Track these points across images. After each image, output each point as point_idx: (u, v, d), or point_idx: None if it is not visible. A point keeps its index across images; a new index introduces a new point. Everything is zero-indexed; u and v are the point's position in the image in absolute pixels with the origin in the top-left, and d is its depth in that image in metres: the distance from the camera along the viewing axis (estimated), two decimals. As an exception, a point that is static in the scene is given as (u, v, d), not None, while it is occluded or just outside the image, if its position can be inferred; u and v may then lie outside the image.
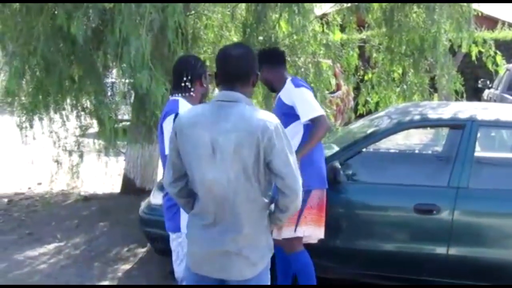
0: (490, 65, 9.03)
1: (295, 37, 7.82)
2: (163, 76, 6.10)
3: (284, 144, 3.15)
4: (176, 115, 3.92)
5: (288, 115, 4.76)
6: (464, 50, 8.94)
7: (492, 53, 8.87)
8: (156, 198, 5.78)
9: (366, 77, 9.39)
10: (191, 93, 4.23)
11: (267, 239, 3.35)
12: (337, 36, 8.82)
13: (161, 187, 5.90)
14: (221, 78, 3.29)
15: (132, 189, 8.75)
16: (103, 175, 9.22)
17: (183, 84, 4.25)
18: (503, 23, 21.75)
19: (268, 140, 3.09)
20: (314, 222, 4.80)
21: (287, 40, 7.84)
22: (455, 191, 5.08)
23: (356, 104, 10.24)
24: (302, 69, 7.70)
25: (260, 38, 7.46)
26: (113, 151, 8.39)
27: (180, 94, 4.24)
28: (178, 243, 4.18)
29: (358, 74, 9.39)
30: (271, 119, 3.16)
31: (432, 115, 5.79)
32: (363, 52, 9.35)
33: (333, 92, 11.33)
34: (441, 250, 5.12)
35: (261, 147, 3.09)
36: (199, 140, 3.17)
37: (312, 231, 4.82)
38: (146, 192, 7.81)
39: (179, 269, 4.18)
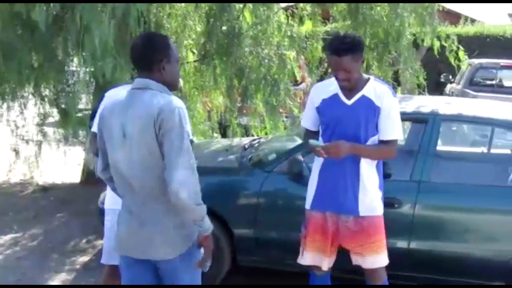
0: (452, 60, 9.08)
1: (259, 28, 7.75)
2: (127, 64, 5.99)
3: (172, 128, 3.15)
4: (102, 96, 4.33)
5: (375, 116, 4.20)
6: (426, 44, 8.98)
7: (454, 47, 8.92)
8: (115, 189, 5.71)
9: (330, 70, 9.36)
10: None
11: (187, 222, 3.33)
12: (307, 26, 8.77)
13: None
14: (134, 66, 3.47)
15: (92, 179, 8.58)
16: (63, 165, 9.08)
17: None
18: (466, 18, 21.99)
19: (160, 123, 3.15)
20: None
21: (251, 31, 7.76)
22: (417, 185, 5.10)
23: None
24: (266, 61, 7.64)
25: (224, 28, 7.39)
26: (73, 140, 8.25)
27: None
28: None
29: (322, 66, 9.36)
30: (170, 104, 3.20)
31: (395, 108, 5.77)
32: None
33: (297, 84, 11.32)
34: (402, 244, 5.13)
35: (158, 131, 3.16)
36: (113, 127, 3.31)
37: None
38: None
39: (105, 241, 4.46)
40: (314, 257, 4.40)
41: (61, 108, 7.58)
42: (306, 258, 4.44)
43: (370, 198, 4.28)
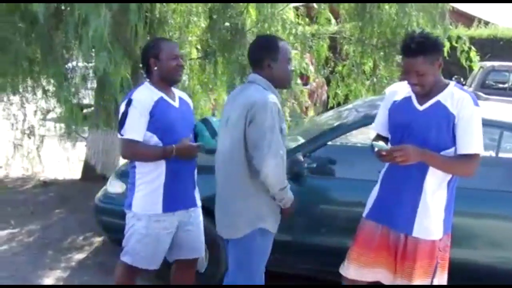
0: (464, 61, 8.89)
1: (264, 25, 7.60)
2: (123, 59, 5.87)
3: (264, 121, 3.59)
4: (129, 101, 3.97)
5: (449, 125, 3.73)
6: (439, 45, 8.80)
7: (466, 48, 8.73)
8: (113, 187, 5.69)
9: (336, 69, 9.25)
10: (147, 77, 4.19)
11: (256, 209, 3.81)
12: (323, 22, 8.65)
13: (118, 175, 5.72)
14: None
15: (93, 175, 8.52)
16: (65, 160, 9.00)
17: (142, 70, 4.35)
18: (479, 21, 21.80)
19: (252, 115, 3.60)
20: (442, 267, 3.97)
21: (255, 28, 7.63)
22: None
23: (327, 97, 10.13)
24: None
25: (227, 24, 7.26)
26: (75, 136, 8.16)
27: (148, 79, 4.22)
28: (129, 221, 4.19)
29: (329, 66, 9.25)
30: (264, 98, 3.64)
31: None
32: (334, 43, 9.20)
33: (307, 84, 11.21)
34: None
35: (248, 123, 3.63)
36: (223, 114, 3.92)
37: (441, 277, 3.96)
38: (106, 179, 7.56)
39: (125, 245, 4.21)
40: (356, 271, 4.01)
41: (61, 102, 7.46)
42: (348, 270, 4.06)
43: (430, 220, 3.82)
